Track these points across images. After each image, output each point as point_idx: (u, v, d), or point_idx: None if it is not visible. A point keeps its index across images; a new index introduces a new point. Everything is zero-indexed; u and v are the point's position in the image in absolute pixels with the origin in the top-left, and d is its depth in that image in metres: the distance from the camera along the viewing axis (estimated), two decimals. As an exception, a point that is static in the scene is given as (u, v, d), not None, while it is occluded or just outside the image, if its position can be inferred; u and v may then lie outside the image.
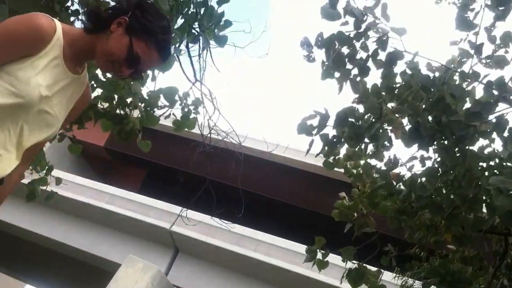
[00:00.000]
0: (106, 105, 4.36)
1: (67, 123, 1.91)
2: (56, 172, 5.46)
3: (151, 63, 1.79)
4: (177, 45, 4.18)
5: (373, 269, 3.98)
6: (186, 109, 4.35)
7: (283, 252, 9.80)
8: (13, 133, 1.64)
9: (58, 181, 5.33)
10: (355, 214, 3.97)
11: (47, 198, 5.23)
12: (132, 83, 3.88)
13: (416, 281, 4.63)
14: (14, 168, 1.68)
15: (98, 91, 4.31)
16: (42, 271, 15.03)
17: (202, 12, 4.04)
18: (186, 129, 4.36)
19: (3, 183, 1.66)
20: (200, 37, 4.22)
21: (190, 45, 4.36)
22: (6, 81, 1.57)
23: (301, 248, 9.12)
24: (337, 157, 3.93)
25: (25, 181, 4.87)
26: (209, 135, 4.90)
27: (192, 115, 4.38)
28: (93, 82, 4.16)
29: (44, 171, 5.10)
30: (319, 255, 4.09)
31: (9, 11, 3.52)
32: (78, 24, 3.97)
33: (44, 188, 5.17)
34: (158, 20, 1.78)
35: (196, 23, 4.11)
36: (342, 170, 4.17)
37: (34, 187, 5.02)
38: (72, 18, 3.97)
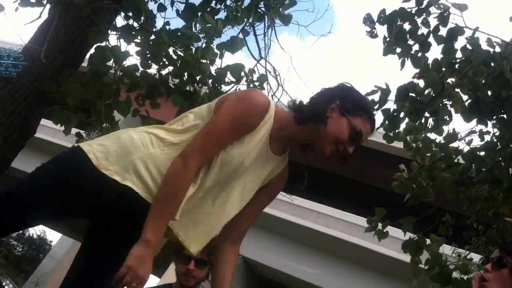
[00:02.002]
0: (176, 81, 4.59)
1: (262, 204, 1.98)
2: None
3: (367, 135, 1.85)
4: (243, 25, 4.35)
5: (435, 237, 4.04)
6: (251, 85, 4.49)
7: (342, 223, 9.97)
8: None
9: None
10: (414, 186, 4.06)
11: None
12: (202, 61, 4.07)
13: (472, 253, 4.66)
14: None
15: (169, 68, 4.53)
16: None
17: (268, -9, 4.19)
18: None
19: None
20: (266, 16, 4.37)
21: (255, 23, 4.52)
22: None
23: (359, 220, 9.27)
24: (396, 131, 4.02)
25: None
26: (272, 111, 5.01)
27: (258, 91, 4.49)
28: (164, 60, 4.38)
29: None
30: (379, 226, 4.23)
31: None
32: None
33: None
34: (360, 96, 1.89)
35: (262, 3, 4.27)
36: (401, 146, 4.25)
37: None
38: (114, 33, 4.13)
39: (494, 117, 3.38)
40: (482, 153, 3.63)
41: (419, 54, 3.58)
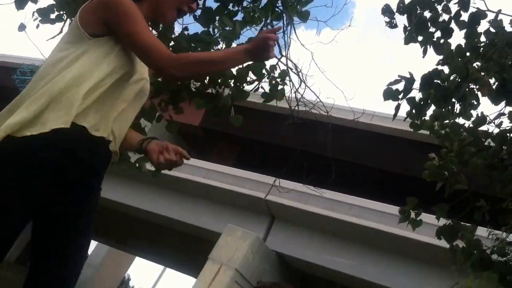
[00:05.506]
0: (198, 84, 4.56)
1: None
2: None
3: None
4: (261, 25, 4.32)
5: (467, 225, 4.01)
6: (273, 82, 4.42)
7: (374, 213, 9.88)
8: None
9: (161, 159, 5.70)
10: (446, 173, 4.01)
11: (155, 174, 5.62)
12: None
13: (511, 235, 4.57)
14: None
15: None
16: (149, 244, 16.05)
17: (284, -11, 4.15)
18: (275, 99, 4.42)
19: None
20: (284, 14, 4.34)
21: (273, 23, 4.50)
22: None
23: (391, 209, 9.18)
24: (423, 118, 3.96)
25: (132, 159, 5.29)
26: (296, 107, 4.98)
27: (280, 87, 4.44)
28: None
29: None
30: (412, 215, 4.19)
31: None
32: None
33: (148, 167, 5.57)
34: None
35: (279, 1, 4.24)
36: (428, 132, 4.19)
37: (141, 164, 5.41)
38: None
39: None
40: (512, 135, 3.58)
41: (442, 41, 3.53)
